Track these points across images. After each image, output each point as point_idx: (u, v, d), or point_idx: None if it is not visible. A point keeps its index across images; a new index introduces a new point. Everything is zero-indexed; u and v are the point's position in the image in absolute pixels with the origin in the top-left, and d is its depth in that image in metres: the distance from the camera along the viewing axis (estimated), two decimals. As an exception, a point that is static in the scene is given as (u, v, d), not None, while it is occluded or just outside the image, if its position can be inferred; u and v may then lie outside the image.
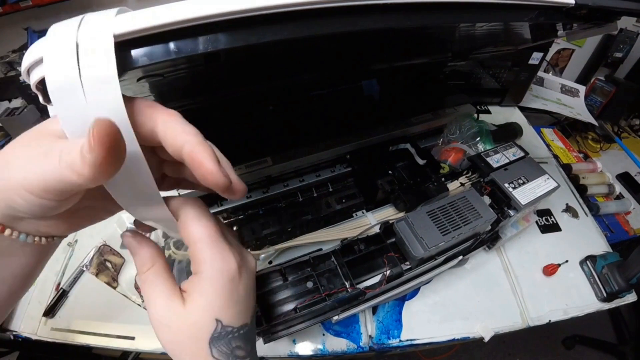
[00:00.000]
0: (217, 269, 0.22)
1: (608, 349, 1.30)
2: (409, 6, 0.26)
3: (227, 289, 0.22)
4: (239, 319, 0.23)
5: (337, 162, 0.67)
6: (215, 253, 0.22)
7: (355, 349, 0.56)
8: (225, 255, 0.22)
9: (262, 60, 0.41)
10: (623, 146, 1.07)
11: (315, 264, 0.49)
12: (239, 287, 0.23)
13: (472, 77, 1.00)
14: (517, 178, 0.55)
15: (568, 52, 1.36)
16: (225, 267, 0.22)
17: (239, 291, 0.23)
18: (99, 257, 0.65)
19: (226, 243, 0.23)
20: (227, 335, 0.22)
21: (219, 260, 0.22)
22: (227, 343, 0.22)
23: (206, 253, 0.22)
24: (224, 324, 0.22)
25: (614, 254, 0.67)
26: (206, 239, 0.22)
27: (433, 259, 0.51)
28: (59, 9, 1.15)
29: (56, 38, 0.16)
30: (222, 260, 0.22)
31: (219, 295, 0.22)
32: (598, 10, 0.35)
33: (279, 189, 0.63)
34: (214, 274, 0.22)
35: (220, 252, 0.22)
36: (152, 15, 0.18)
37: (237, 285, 0.23)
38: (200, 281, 0.22)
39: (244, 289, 0.23)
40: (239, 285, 0.23)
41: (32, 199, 0.16)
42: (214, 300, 0.22)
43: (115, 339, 0.58)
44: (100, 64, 0.16)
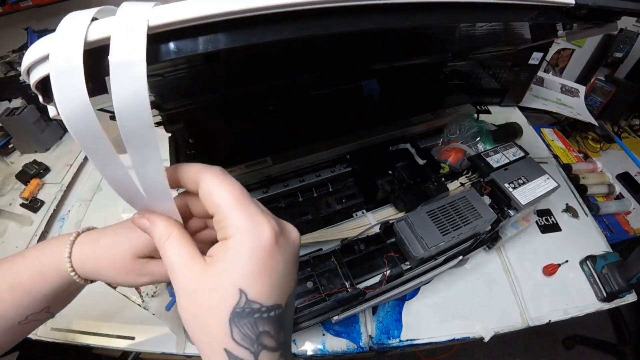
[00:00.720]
0: (247, 230, 0.19)
1: (608, 349, 1.30)
2: (409, 6, 0.26)
3: (258, 257, 0.18)
4: (270, 296, 0.19)
5: (337, 162, 0.67)
6: (244, 215, 0.19)
7: (355, 349, 0.56)
8: (258, 219, 0.19)
9: (263, 60, 0.41)
10: (623, 146, 1.07)
11: (315, 264, 0.49)
12: (275, 259, 0.19)
13: (472, 77, 1.00)
14: (517, 178, 0.55)
15: (568, 52, 1.36)
16: (256, 231, 0.19)
17: (274, 264, 0.19)
18: (99, 257, 0.65)
19: (258, 207, 0.20)
20: (253, 314, 0.18)
21: (248, 222, 0.19)
22: (251, 324, 0.18)
23: (234, 215, 0.19)
24: (249, 298, 0.18)
25: (614, 254, 0.67)
26: (232, 201, 0.19)
27: (433, 259, 0.51)
28: (59, 9, 1.15)
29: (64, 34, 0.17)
30: (252, 222, 0.19)
31: (246, 262, 0.18)
32: (598, 10, 0.35)
33: (279, 189, 0.63)
34: (242, 237, 0.19)
35: (250, 214, 0.19)
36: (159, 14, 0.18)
37: (272, 255, 0.19)
38: (227, 244, 0.19)
39: (281, 263, 0.19)
40: (275, 256, 0.19)
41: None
42: (239, 265, 0.18)
43: (115, 339, 0.58)
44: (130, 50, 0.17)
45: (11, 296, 0.27)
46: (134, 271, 0.26)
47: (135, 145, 0.18)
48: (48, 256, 0.27)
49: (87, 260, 0.27)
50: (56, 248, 0.27)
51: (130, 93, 0.17)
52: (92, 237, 0.28)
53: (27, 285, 0.27)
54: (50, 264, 0.27)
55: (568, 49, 1.35)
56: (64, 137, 0.98)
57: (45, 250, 0.28)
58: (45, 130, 0.93)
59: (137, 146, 0.18)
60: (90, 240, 0.27)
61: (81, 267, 0.27)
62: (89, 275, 0.27)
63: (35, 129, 0.90)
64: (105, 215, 0.74)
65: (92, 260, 0.27)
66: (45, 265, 0.27)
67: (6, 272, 0.27)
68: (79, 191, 0.82)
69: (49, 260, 0.27)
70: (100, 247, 0.27)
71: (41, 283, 0.27)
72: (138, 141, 0.18)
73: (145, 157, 0.19)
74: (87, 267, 0.27)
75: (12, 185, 0.85)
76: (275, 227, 0.19)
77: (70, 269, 0.26)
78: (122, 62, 0.16)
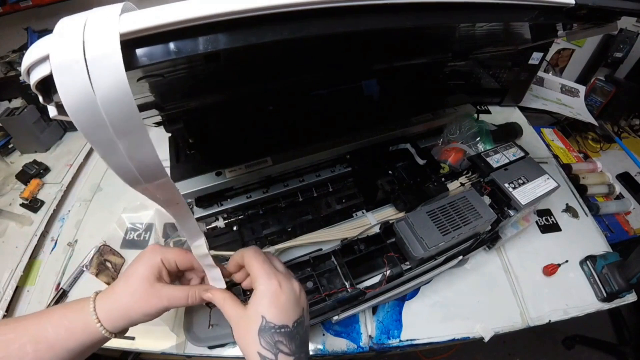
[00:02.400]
0: (264, 283, 0.33)
1: (608, 349, 1.30)
2: (409, 6, 0.26)
3: (270, 297, 0.32)
4: (280, 319, 0.32)
5: (337, 162, 0.67)
6: (263, 275, 0.33)
7: (355, 349, 0.56)
8: (271, 276, 0.33)
9: (262, 60, 0.41)
10: (623, 146, 1.07)
11: (315, 264, 0.49)
12: (281, 297, 0.33)
13: (472, 77, 1.00)
14: (517, 178, 0.55)
15: (568, 52, 1.36)
16: (269, 283, 0.33)
17: (281, 300, 0.32)
18: (99, 257, 0.65)
19: (272, 270, 0.34)
20: (270, 330, 0.31)
21: (265, 279, 0.33)
22: (270, 336, 0.31)
23: (259, 274, 0.34)
24: (267, 320, 0.31)
25: (614, 254, 0.67)
26: (260, 267, 0.34)
27: (433, 259, 0.51)
28: (59, 9, 1.15)
29: (63, 33, 0.18)
30: (268, 278, 0.33)
31: (265, 301, 0.32)
32: (598, 10, 0.35)
33: (279, 189, 0.63)
34: (262, 288, 0.33)
35: (267, 274, 0.33)
36: (154, 14, 0.18)
37: (278, 296, 0.32)
38: (255, 292, 0.33)
39: (285, 300, 0.33)
40: (281, 296, 0.33)
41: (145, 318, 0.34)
42: (262, 303, 0.32)
43: (115, 339, 0.57)
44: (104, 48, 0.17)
45: (34, 349, 0.29)
46: (153, 295, 0.33)
47: (125, 133, 0.19)
48: (74, 311, 0.31)
49: (111, 305, 0.32)
50: (81, 304, 0.32)
51: (111, 83, 0.17)
52: (107, 290, 0.34)
53: (52, 341, 0.30)
54: (77, 319, 0.31)
55: (568, 49, 1.35)
56: (64, 137, 0.98)
57: (71, 306, 0.32)
58: (45, 130, 0.93)
59: (127, 133, 0.19)
60: (107, 292, 0.34)
61: (106, 316, 0.32)
62: (115, 321, 0.32)
63: (35, 129, 0.90)
64: (105, 215, 0.74)
65: (115, 304, 0.33)
66: (72, 320, 0.31)
67: (32, 327, 0.30)
68: (79, 191, 0.82)
69: (76, 315, 0.31)
70: (118, 289, 0.34)
71: (66, 338, 0.30)
72: (127, 128, 0.19)
73: (136, 142, 0.20)
74: (112, 313, 0.32)
75: (12, 185, 0.85)
76: (281, 280, 0.34)
77: (96, 321, 0.31)
78: (98, 56, 0.17)
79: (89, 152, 0.92)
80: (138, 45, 0.20)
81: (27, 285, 0.65)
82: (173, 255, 0.37)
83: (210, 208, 0.61)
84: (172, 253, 0.37)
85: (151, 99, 0.44)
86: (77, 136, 0.98)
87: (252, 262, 0.35)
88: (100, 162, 0.89)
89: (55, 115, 0.25)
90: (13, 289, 0.63)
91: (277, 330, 0.31)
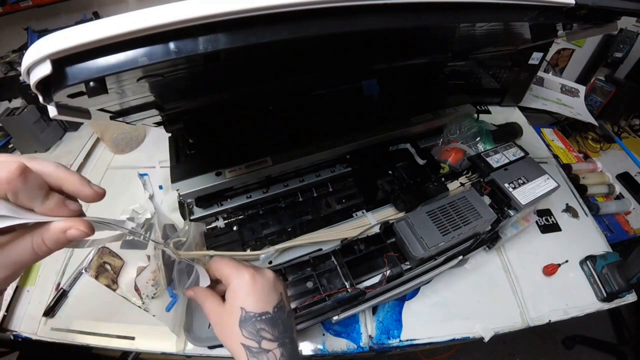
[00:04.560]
0: (236, 277, 0.34)
1: (608, 349, 1.30)
2: (409, 6, 0.26)
3: (246, 289, 0.33)
4: (258, 307, 0.32)
5: (337, 162, 0.67)
6: (234, 270, 0.34)
7: (355, 349, 0.56)
8: (241, 269, 0.34)
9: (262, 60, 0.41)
10: (623, 146, 1.07)
11: (315, 264, 0.49)
12: (256, 287, 0.33)
13: (472, 77, 1.00)
14: (517, 178, 0.55)
15: (568, 52, 1.36)
16: (242, 275, 0.34)
17: (256, 289, 0.33)
18: (98, 259, 0.65)
19: (241, 264, 0.35)
20: (251, 319, 0.32)
21: (236, 273, 0.34)
22: (252, 325, 0.32)
23: (229, 272, 0.34)
24: (247, 310, 0.32)
25: (614, 254, 0.67)
26: (226, 266, 0.35)
27: (433, 259, 0.51)
28: (59, 9, 1.15)
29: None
30: (238, 272, 0.34)
31: (241, 293, 0.33)
32: (598, 10, 0.35)
33: (279, 189, 0.63)
34: (236, 281, 0.34)
35: (237, 268, 0.34)
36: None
37: (253, 285, 0.33)
38: (229, 288, 0.34)
39: (260, 288, 0.33)
40: (255, 285, 0.33)
41: None
42: (238, 296, 0.33)
43: (115, 339, 0.58)
44: None
45: None
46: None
47: None
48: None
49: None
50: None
51: None
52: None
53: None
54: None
55: (568, 49, 1.35)
56: (64, 137, 0.98)
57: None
58: (45, 130, 0.93)
59: None
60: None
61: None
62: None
63: (35, 129, 0.90)
64: (104, 216, 0.74)
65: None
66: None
67: None
68: (79, 191, 0.82)
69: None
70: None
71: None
72: None
73: None
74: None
75: (12, 185, 0.84)
76: (251, 271, 0.34)
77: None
78: None
79: (89, 152, 0.92)
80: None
81: (27, 285, 0.65)
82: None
83: (210, 208, 0.61)
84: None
85: (151, 99, 0.44)
86: (77, 136, 0.98)
87: (219, 265, 0.35)
88: (100, 162, 0.89)
89: (55, 115, 0.25)
90: (13, 289, 0.63)
91: (258, 318, 0.32)
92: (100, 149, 0.93)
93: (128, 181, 0.81)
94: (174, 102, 0.50)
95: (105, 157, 0.90)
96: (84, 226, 0.23)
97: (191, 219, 0.60)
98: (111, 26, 0.20)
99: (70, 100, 0.26)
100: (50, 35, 0.19)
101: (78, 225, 0.23)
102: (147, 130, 0.95)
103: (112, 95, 0.32)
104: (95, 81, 0.22)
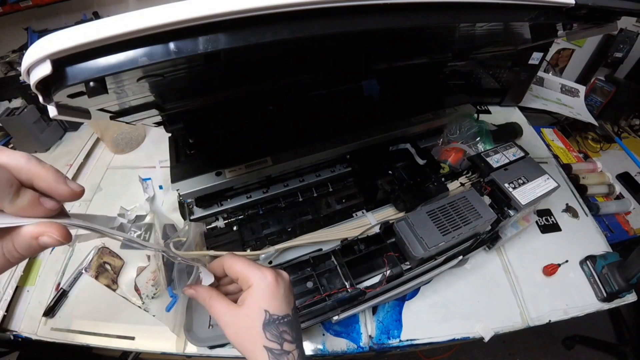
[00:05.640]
0: (260, 278, 0.32)
1: (608, 349, 1.30)
2: (409, 6, 0.26)
3: (269, 291, 0.32)
4: (281, 310, 0.32)
5: (337, 162, 0.67)
6: (256, 271, 0.33)
7: (355, 349, 0.56)
8: (264, 271, 0.33)
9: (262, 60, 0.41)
10: (623, 146, 1.07)
11: (315, 264, 0.49)
12: (279, 289, 0.32)
13: (472, 77, 1.00)
14: (517, 178, 0.55)
15: (568, 52, 1.36)
16: (265, 276, 0.32)
17: (280, 291, 0.32)
18: (98, 260, 0.65)
19: (259, 265, 0.34)
20: (275, 322, 0.31)
21: (260, 274, 0.32)
22: (275, 327, 0.31)
23: (249, 272, 0.33)
24: (271, 313, 0.31)
25: (614, 254, 0.67)
26: (247, 266, 0.33)
27: (433, 259, 0.51)
28: (59, 9, 1.15)
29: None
30: (262, 273, 0.32)
31: (265, 295, 0.32)
32: (598, 10, 0.35)
33: (279, 189, 0.63)
34: (259, 283, 0.32)
35: (259, 269, 0.33)
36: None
37: (277, 288, 0.32)
38: (251, 290, 0.32)
39: (282, 291, 0.33)
40: (279, 288, 0.32)
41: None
42: (262, 298, 0.32)
43: (115, 339, 0.57)
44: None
45: None
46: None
47: None
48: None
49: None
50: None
51: None
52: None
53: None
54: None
55: (568, 49, 1.35)
56: (64, 137, 0.98)
57: None
58: (45, 130, 0.93)
59: None
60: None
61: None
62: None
63: (35, 129, 0.90)
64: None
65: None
66: None
67: None
68: (79, 191, 0.82)
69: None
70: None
71: None
72: None
73: None
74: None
75: (12, 185, 0.85)
76: (274, 273, 0.33)
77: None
78: None
79: (89, 152, 0.92)
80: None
81: (27, 285, 0.65)
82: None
83: (210, 208, 0.61)
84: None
85: (151, 99, 0.44)
86: (77, 136, 0.98)
87: (233, 263, 0.34)
88: (100, 162, 0.89)
89: (55, 115, 0.25)
90: (13, 289, 0.63)
91: (281, 320, 0.32)
92: (100, 149, 0.93)
93: (128, 181, 0.81)
94: (174, 102, 0.50)
95: (105, 157, 0.90)
96: (59, 233, 0.20)
97: (191, 219, 0.60)
98: (111, 26, 0.20)
99: (70, 100, 0.26)
100: (50, 35, 0.19)
101: (52, 232, 0.20)
102: (147, 130, 0.95)
103: (112, 95, 0.32)
104: (95, 81, 0.22)
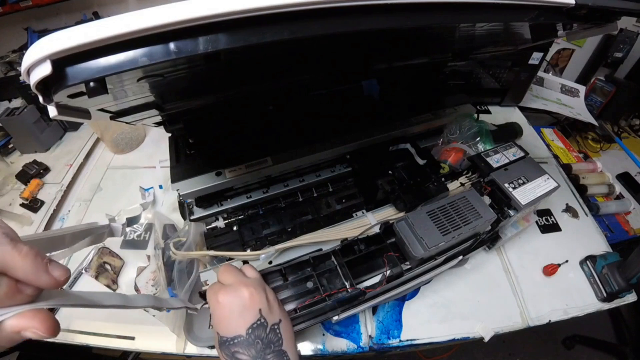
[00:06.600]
0: (210, 301, 0.36)
1: (608, 349, 1.30)
2: (409, 6, 0.26)
3: (216, 314, 0.35)
4: (229, 331, 0.33)
5: (337, 162, 0.67)
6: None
7: (355, 349, 0.56)
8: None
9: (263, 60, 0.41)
10: (623, 146, 1.07)
11: (315, 264, 0.49)
12: (223, 312, 0.34)
13: (472, 77, 1.00)
14: (517, 178, 0.55)
15: (568, 52, 1.36)
16: (210, 302, 0.36)
17: (224, 314, 0.34)
18: (98, 260, 0.65)
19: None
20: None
21: (211, 297, 0.36)
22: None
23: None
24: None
25: (614, 254, 0.67)
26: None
27: (433, 259, 0.51)
28: (59, 9, 1.15)
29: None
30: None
31: (214, 318, 0.35)
32: (598, 10, 0.35)
33: (279, 189, 0.63)
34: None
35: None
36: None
37: (220, 310, 0.34)
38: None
39: (227, 312, 0.34)
40: (222, 310, 0.34)
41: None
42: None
43: (115, 339, 0.58)
44: None
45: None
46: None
47: None
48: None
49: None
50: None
51: None
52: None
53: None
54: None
55: (568, 49, 1.36)
56: (64, 137, 0.98)
57: None
58: (45, 130, 0.93)
59: None
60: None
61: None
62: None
63: (35, 129, 0.90)
64: (104, 216, 0.74)
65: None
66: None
67: None
68: (78, 191, 0.82)
69: None
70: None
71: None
72: None
73: None
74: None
75: (12, 185, 0.85)
76: (219, 296, 0.35)
77: None
78: None
79: (89, 152, 0.92)
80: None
81: (27, 285, 0.65)
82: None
83: (210, 208, 0.61)
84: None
85: (151, 99, 0.44)
86: (77, 136, 0.98)
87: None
88: (100, 161, 0.89)
89: (55, 115, 0.25)
90: (13, 289, 0.63)
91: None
92: (100, 149, 0.93)
93: (128, 181, 0.81)
94: (174, 102, 0.50)
95: (105, 157, 0.90)
96: (44, 327, 0.18)
97: (191, 219, 0.60)
98: (111, 26, 0.20)
99: (71, 100, 0.26)
100: (50, 35, 0.19)
101: (35, 327, 0.18)
102: (147, 130, 0.95)
103: (112, 96, 0.32)
104: (95, 81, 0.22)
